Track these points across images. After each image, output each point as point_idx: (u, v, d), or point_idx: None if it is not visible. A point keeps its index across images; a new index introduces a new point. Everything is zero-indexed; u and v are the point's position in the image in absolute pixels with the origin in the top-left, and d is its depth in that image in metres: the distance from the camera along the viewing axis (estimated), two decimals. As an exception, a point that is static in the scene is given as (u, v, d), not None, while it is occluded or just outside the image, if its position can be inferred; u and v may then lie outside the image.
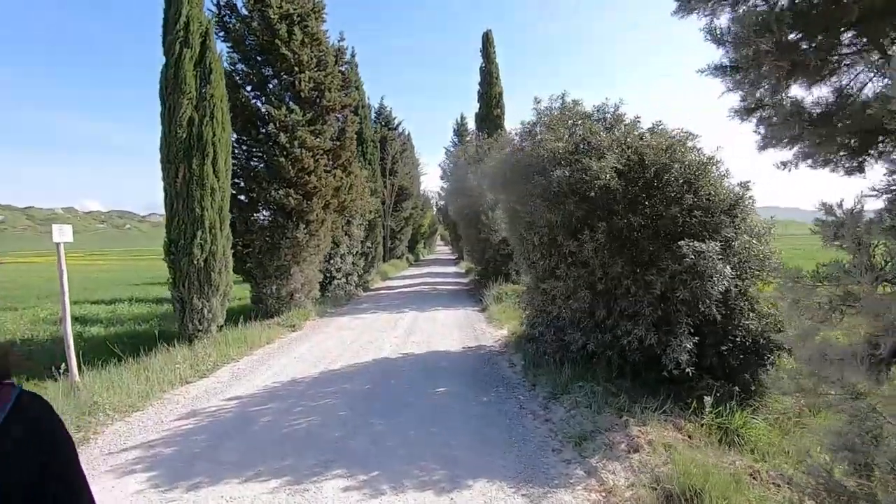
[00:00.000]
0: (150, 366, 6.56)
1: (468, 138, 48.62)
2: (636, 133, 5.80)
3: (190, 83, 7.81)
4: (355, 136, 13.04)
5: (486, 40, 21.87)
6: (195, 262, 7.91)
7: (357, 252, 17.49)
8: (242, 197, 11.66)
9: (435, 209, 53.52)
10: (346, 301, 15.31)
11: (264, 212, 11.92)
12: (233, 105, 10.89)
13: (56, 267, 5.77)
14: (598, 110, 6.13)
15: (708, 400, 4.41)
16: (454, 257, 53.11)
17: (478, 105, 22.57)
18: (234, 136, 11.29)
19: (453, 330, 10.04)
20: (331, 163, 12.32)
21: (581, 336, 5.67)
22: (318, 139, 11.41)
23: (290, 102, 10.97)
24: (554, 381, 5.66)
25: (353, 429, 4.64)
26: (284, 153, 10.78)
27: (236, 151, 11.07)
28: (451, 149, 53.12)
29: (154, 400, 5.69)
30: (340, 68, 12.53)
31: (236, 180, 11.55)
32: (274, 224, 11.49)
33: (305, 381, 6.34)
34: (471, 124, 57.10)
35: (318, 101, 11.58)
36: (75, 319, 13.66)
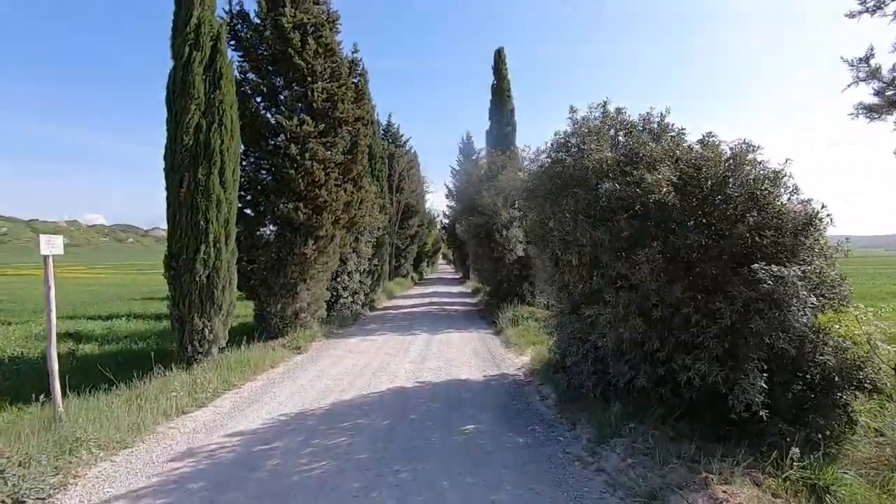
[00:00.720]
0: (144, 393, 5.91)
1: (476, 156, 48.49)
2: (685, 144, 5.27)
3: (198, 87, 7.34)
4: (367, 149, 12.58)
5: (498, 57, 21.64)
6: (197, 279, 7.32)
7: (364, 270, 16.90)
8: (249, 210, 11.13)
9: (439, 227, 53.13)
10: (352, 321, 14.65)
11: (271, 226, 11.38)
12: (242, 115, 10.44)
13: (44, 282, 5.18)
14: (643, 119, 5.60)
15: (795, 451, 3.76)
16: (458, 276, 52.49)
17: (489, 122, 22.22)
18: (242, 147, 10.82)
19: (470, 355, 9.37)
20: (341, 177, 11.83)
21: (628, 369, 5.03)
22: (329, 151, 10.93)
23: (302, 113, 10.52)
24: (598, 421, 5.00)
25: (375, 478, 3.97)
26: (295, 165, 10.29)
27: (244, 163, 10.60)
28: (457, 167, 53.10)
29: (146, 434, 5.03)
30: (353, 80, 12.15)
31: (242, 193, 11.04)
32: (281, 239, 10.94)
33: (315, 415, 5.67)
34: (478, 142, 56.84)
35: (330, 112, 11.14)
36: (69, 336, 13.05)
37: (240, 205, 10.90)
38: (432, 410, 5.81)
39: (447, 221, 49.26)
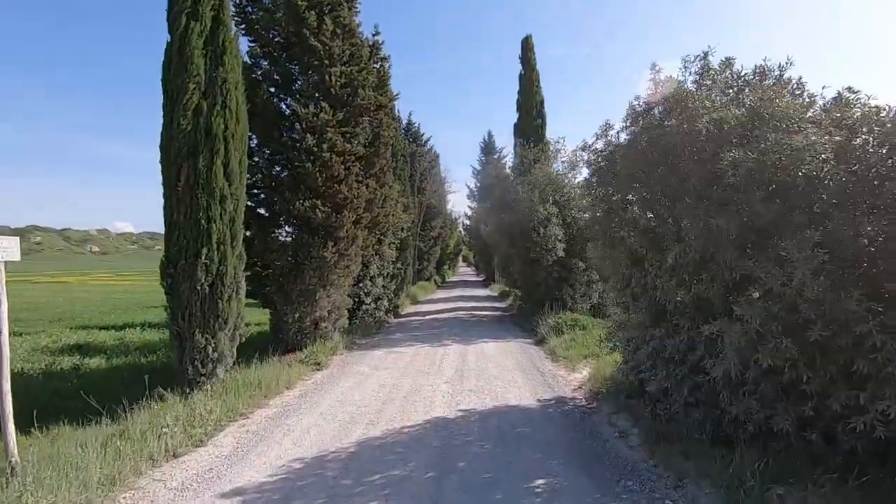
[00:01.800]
0: (129, 430, 4.81)
1: (498, 154, 47.09)
2: (802, 101, 3.91)
3: (197, 63, 6.26)
4: (390, 142, 11.42)
5: (526, 46, 20.33)
6: (198, 288, 6.22)
7: (388, 274, 15.76)
8: (262, 210, 10.08)
9: (461, 228, 51.81)
10: (376, 330, 13.49)
11: (287, 227, 10.32)
12: (252, 104, 9.39)
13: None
14: (757, 73, 4.25)
15: None
16: (481, 279, 51.05)
17: (517, 115, 20.92)
18: (254, 140, 9.78)
19: (514, 371, 8.07)
20: (363, 172, 10.69)
21: (759, 406, 3.69)
22: (349, 143, 9.80)
23: (320, 101, 9.41)
24: (718, 477, 3.66)
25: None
26: (311, 158, 9.18)
27: (256, 159, 9.55)
28: (479, 167, 51.82)
29: (121, 491, 3.90)
30: (375, 65, 11.01)
31: (255, 191, 10.00)
32: (298, 241, 9.84)
33: (339, 459, 4.47)
34: (501, 139, 55.06)
35: (350, 100, 10.02)
36: (77, 349, 12.21)
37: (251, 203, 9.87)
38: (485, 454, 4.54)
39: (468, 223, 48.26)
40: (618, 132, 5.25)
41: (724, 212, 3.54)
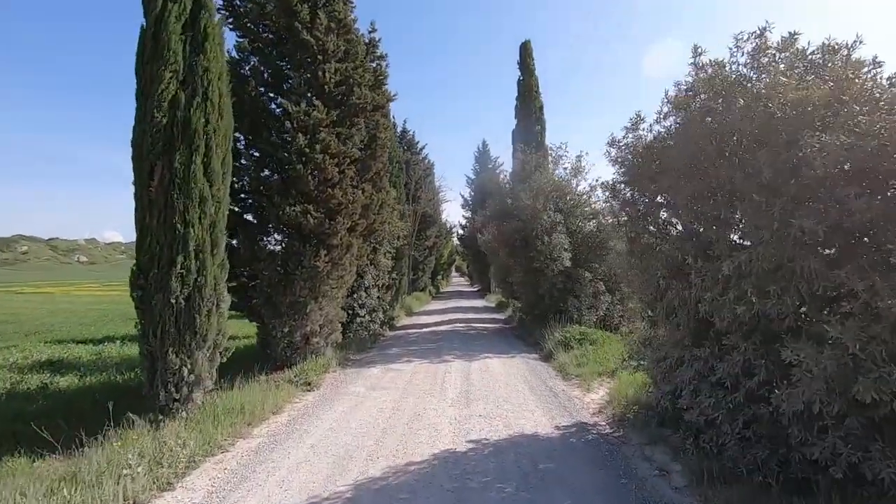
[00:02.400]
0: (82, 472, 4.04)
1: (493, 164, 46.73)
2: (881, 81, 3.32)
3: (175, 49, 5.58)
4: (387, 144, 10.78)
5: (525, 51, 19.91)
6: (173, 301, 5.49)
7: (383, 284, 15.04)
8: (249, 216, 9.36)
9: (456, 238, 51.23)
10: (371, 344, 12.74)
11: (276, 234, 9.59)
12: (239, 101, 8.73)
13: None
14: (824, 51, 3.66)
15: None
16: (476, 289, 50.31)
17: (515, 120, 20.42)
18: (242, 141, 9.11)
19: (525, 392, 7.37)
20: (358, 175, 10.02)
21: (848, 448, 3.03)
22: (344, 145, 9.14)
23: (312, 99, 8.76)
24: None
25: None
26: (303, 159, 8.50)
27: (244, 161, 8.86)
28: (473, 176, 51.38)
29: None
30: (371, 63, 10.41)
31: (243, 196, 9.30)
32: (288, 250, 9.13)
33: (331, 508, 3.74)
34: (494, 149, 54.99)
35: (345, 98, 9.38)
36: (50, 365, 11.32)
37: (238, 209, 9.17)
38: (508, 501, 3.83)
39: (462, 232, 47.69)
40: (651, 124, 4.64)
41: (807, 210, 2.90)
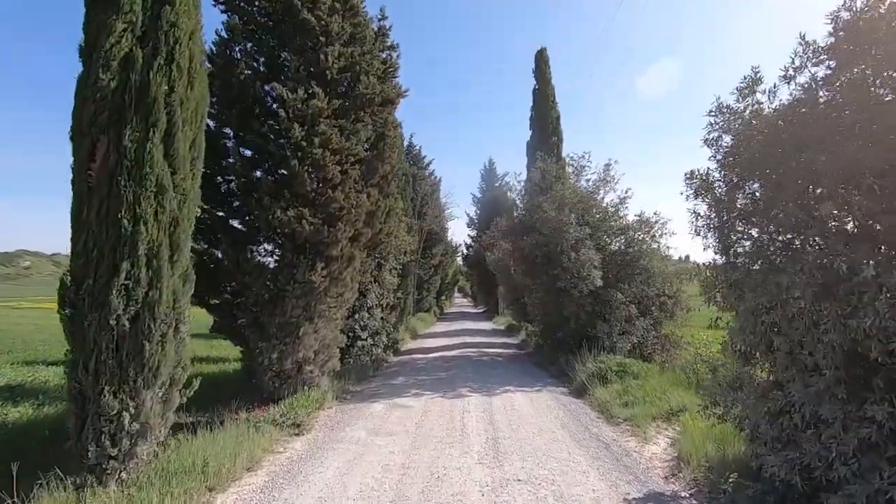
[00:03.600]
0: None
1: (499, 182, 45.66)
2: None
3: (131, -6, 4.31)
4: (396, 143, 9.50)
5: (540, 58, 18.88)
6: (113, 323, 4.08)
7: (387, 304, 13.61)
8: (236, 223, 8.03)
9: (461, 258, 49.88)
10: (374, 371, 11.24)
11: (266, 245, 8.25)
12: (226, 86, 7.51)
13: None
14: None
15: None
16: (480, 311, 48.64)
17: (529, 132, 19.28)
18: (231, 135, 7.85)
19: (566, 441, 5.86)
20: (362, 178, 8.73)
21: None
22: (347, 141, 7.85)
23: (312, 84, 7.50)
24: None
25: None
26: (299, 155, 7.20)
27: (231, 159, 7.55)
28: (479, 195, 50.30)
29: None
30: (381, 53, 9.21)
31: (230, 199, 7.99)
32: (279, 262, 7.79)
33: None
34: (501, 167, 53.99)
35: (350, 88, 8.15)
36: (9, 390, 9.90)
37: (222, 213, 7.85)
38: None
39: (468, 252, 46.34)
40: (776, 85, 3.29)
41: None
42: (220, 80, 7.47)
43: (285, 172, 7.32)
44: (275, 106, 7.33)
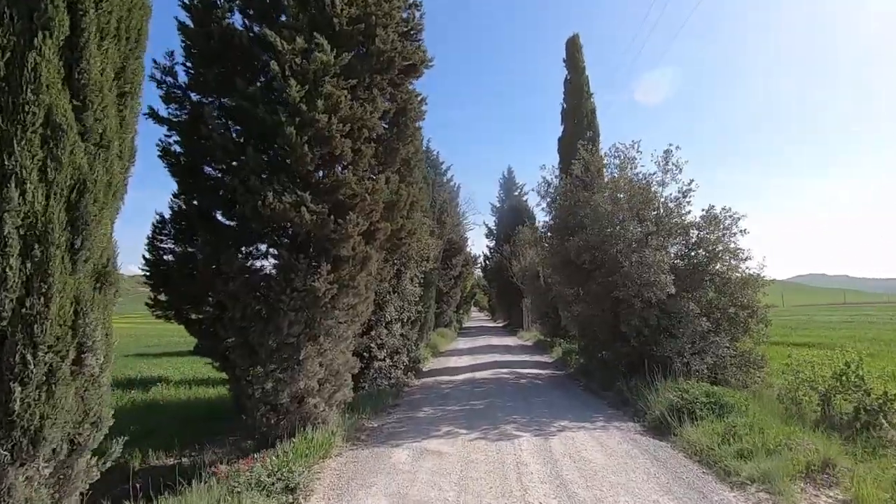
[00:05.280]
0: None
1: (518, 191, 43.93)
2: None
3: None
4: (420, 121, 7.74)
5: (573, 46, 17.13)
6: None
7: (408, 318, 11.78)
8: (220, 215, 6.34)
9: (479, 271, 47.91)
10: (393, 400, 9.37)
11: (261, 244, 6.55)
12: (204, 37, 5.87)
13: None
14: None
15: None
16: (500, 325, 46.41)
17: (561, 126, 17.45)
18: (213, 100, 6.20)
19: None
20: (379, 162, 7.03)
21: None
22: (361, 108, 6.13)
23: (316, 35, 5.80)
24: None
25: None
26: (297, 121, 5.48)
27: (210, 126, 5.85)
28: (498, 203, 48.48)
29: None
30: (403, 13, 7.53)
31: (208, 180, 6.30)
32: (277, 267, 6.06)
33: None
34: (520, 176, 52.22)
35: (364, 44, 6.46)
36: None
37: (197, 202, 6.16)
38: None
39: (487, 263, 44.37)
40: None
41: None
42: (198, 31, 5.85)
43: (280, 147, 5.60)
44: (266, 57, 5.64)
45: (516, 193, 45.96)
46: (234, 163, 5.75)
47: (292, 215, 5.48)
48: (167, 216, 6.42)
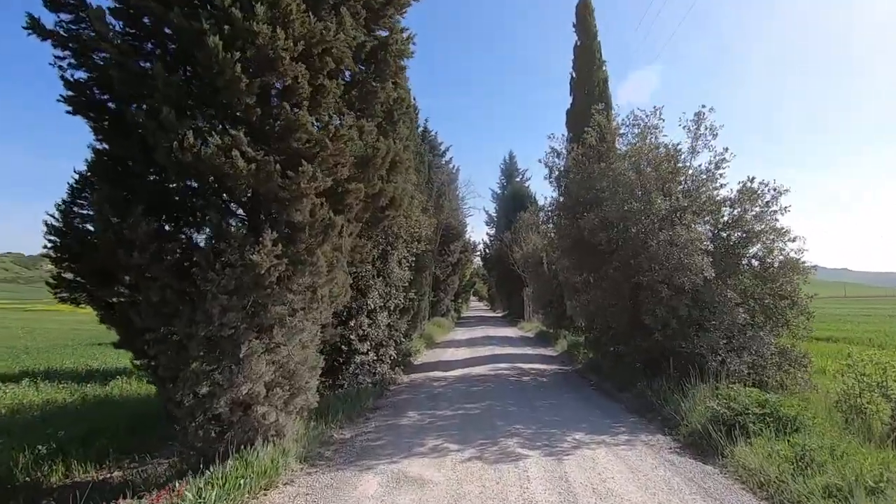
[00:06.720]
0: None
1: (521, 177, 42.23)
2: None
3: None
4: (405, 56, 6.18)
5: (584, 8, 15.45)
6: None
7: (396, 306, 10.34)
8: (116, 163, 4.84)
9: (479, 259, 46.46)
10: (374, 401, 7.96)
11: (192, 201, 5.06)
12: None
13: None
14: None
15: None
16: (500, 315, 45.05)
17: (570, 97, 15.86)
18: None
19: None
20: (349, 105, 5.53)
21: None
22: (321, 23, 4.61)
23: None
24: None
25: None
26: (225, 28, 3.97)
27: (98, 31, 4.33)
28: (499, 190, 46.86)
29: None
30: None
31: (124, 125, 4.78)
32: (210, 238, 4.60)
33: None
34: (522, 161, 50.49)
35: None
36: None
37: (107, 144, 4.69)
38: None
39: (488, 252, 42.92)
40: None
41: None
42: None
43: (205, 68, 4.09)
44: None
45: (518, 179, 44.42)
46: (145, 93, 4.23)
47: (220, 162, 3.99)
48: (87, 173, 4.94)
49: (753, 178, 8.34)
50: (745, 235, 8.39)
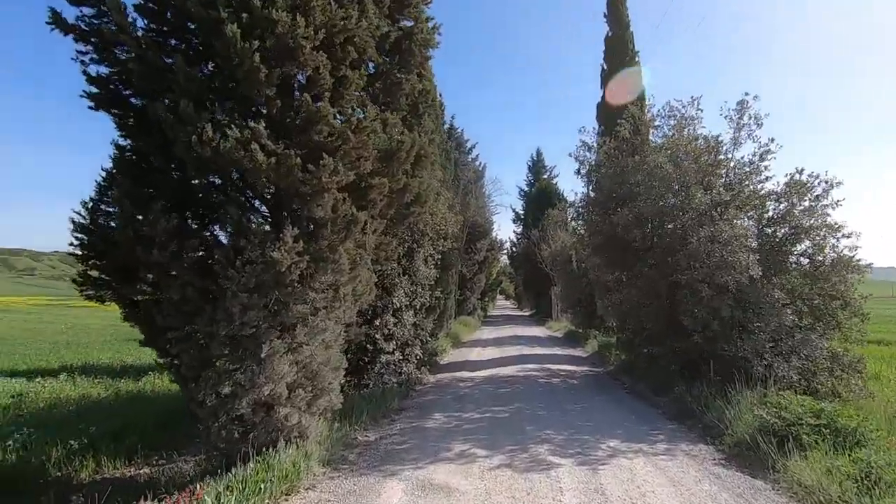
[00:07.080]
0: None
1: (548, 174, 41.48)
2: None
3: None
4: (430, 45, 5.95)
5: (616, -3, 14.94)
6: None
7: (422, 305, 10.16)
8: (138, 159, 4.77)
9: (506, 257, 45.95)
10: (400, 403, 7.79)
11: (215, 197, 4.96)
12: None
13: None
14: None
15: None
16: (527, 314, 44.45)
17: (601, 91, 15.35)
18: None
19: None
20: (372, 97, 5.35)
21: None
22: (342, 9, 4.44)
23: None
24: None
25: None
26: (244, 17, 3.83)
27: (116, 23, 4.25)
28: (526, 188, 46.22)
29: None
30: None
31: (147, 121, 4.72)
32: (235, 229, 4.49)
33: None
34: (549, 158, 49.89)
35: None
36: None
37: (129, 139, 4.63)
38: None
39: (515, 250, 42.41)
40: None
41: None
42: None
43: (223, 58, 3.96)
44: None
45: (546, 176, 43.67)
46: (166, 87, 4.14)
47: (239, 156, 3.86)
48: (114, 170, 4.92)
49: (802, 170, 7.78)
50: (792, 231, 7.84)
